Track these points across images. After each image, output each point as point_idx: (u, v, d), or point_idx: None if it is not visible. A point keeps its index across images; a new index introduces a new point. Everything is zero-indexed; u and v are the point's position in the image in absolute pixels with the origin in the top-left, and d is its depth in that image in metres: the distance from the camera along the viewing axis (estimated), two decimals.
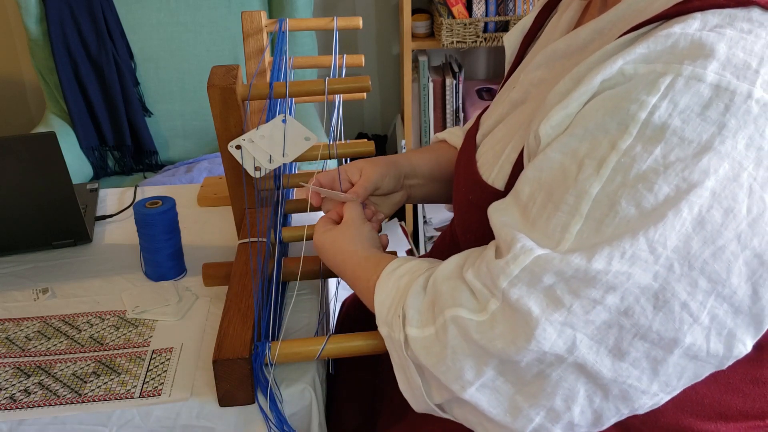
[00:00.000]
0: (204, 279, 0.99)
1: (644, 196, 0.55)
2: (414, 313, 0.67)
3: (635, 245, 0.55)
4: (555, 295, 0.57)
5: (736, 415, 0.69)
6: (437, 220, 2.43)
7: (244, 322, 0.83)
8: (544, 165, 0.61)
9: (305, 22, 1.20)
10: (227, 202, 1.22)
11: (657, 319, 0.55)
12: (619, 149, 0.56)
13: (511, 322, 0.59)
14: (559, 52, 0.73)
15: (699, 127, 0.54)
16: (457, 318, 0.63)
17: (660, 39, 0.57)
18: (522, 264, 0.58)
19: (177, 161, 2.17)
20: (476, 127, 0.85)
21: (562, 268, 0.56)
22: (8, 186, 1.01)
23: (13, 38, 2.46)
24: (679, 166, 0.54)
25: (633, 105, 0.56)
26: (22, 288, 1.02)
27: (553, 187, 0.60)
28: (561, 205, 0.59)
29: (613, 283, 0.55)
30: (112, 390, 0.83)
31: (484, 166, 0.76)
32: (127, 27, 2.10)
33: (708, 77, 0.54)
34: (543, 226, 0.60)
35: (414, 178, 0.98)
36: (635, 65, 0.57)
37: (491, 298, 0.61)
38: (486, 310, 0.61)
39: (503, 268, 0.60)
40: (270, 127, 0.93)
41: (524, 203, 0.63)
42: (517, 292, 0.59)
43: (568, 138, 0.60)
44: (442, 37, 2.18)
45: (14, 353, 0.89)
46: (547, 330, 0.57)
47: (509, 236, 0.61)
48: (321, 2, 2.44)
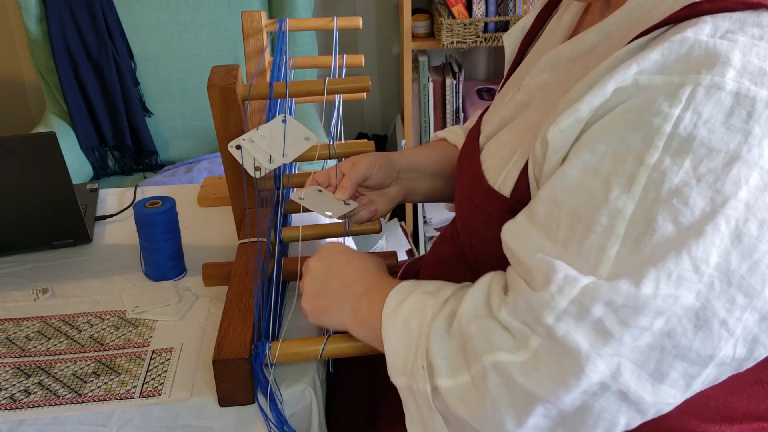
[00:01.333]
0: (204, 279, 0.99)
1: (680, 212, 0.54)
2: (442, 361, 0.63)
3: (680, 264, 0.54)
4: (604, 327, 0.55)
5: (741, 417, 0.69)
6: (437, 220, 2.43)
7: (244, 322, 0.83)
8: (561, 184, 0.60)
9: (305, 22, 1.20)
10: (227, 202, 1.21)
11: (697, 338, 0.55)
12: (647, 164, 0.55)
13: (557, 359, 0.57)
14: (564, 57, 0.72)
15: (725, 136, 0.54)
16: (497, 364, 0.59)
17: (674, 45, 0.56)
18: (569, 296, 0.56)
19: (177, 161, 2.17)
20: (478, 127, 0.85)
21: (612, 297, 0.54)
22: (8, 186, 1.01)
23: (13, 38, 2.46)
24: (710, 177, 0.54)
25: (656, 118, 0.55)
26: (22, 288, 1.02)
27: (580, 208, 0.58)
28: (593, 226, 0.57)
29: (662, 307, 0.54)
30: (112, 390, 0.83)
31: (490, 170, 0.74)
32: (127, 27, 2.10)
33: (728, 85, 0.54)
34: (576, 250, 0.58)
35: (412, 173, 0.97)
36: (650, 76, 0.56)
37: (531, 335, 0.58)
38: (527, 348, 0.58)
39: (548, 302, 0.56)
40: (270, 127, 0.93)
41: (544, 225, 0.60)
42: (564, 327, 0.56)
43: (587, 154, 0.58)
44: (442, 37, 2.18)
45: (14, 353, 0.89)
46: (597, 364, 0.55)
47: (545, 265, 0.58)
48: (321, 2, 2.44)
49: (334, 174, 0.91)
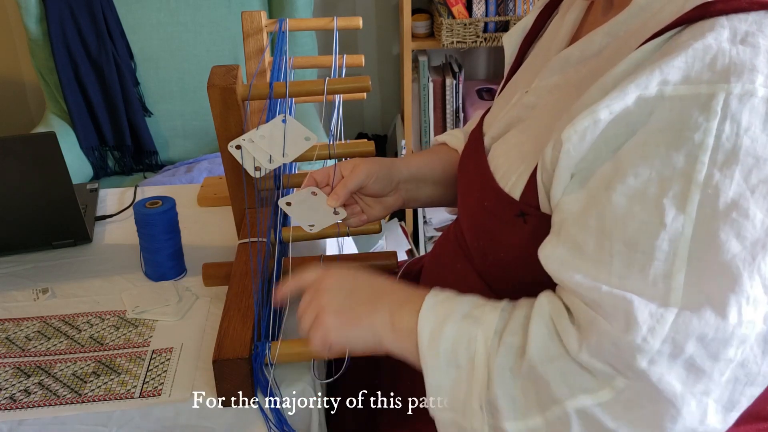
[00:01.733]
0: (204, 279, 0.99)
1: (742, 225, 0.53)
2: (509, 403, 0.61)
3: (755, 286, 0.53)
4: (696, 365, 0.54)
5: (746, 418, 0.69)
6: (437, 220, 2.43)
7: (244, 322, 0.83)
8: (608, 213, 0.58)
9: (305, 22, 1.20)
10: (227, 202, 1.21)
11: (765, 363, 0.54)
12: (697, 181, 0.54)
13: (650, 402, 0.55)
14: (574, 58, 0.72)
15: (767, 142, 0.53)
16: (583, 410, 0.57)
17: (698, 54, 0.55)
18: (661, 335, 0.54)
19: (177, 161, 2.17)
20: (480, 128, 0.84)
21: (704, 330, 0.53)
22: (8, 186, 1.01)
23: (13, 38, 2.46)
24: (763, 188, 0.53)
25: (696, 133, 0.54)
26: (22, 288, 1.02)
27: (634, 237, 0.56)
28: (654, 253, 0.55)
29: (745, 336, 0.53)
30: (112, 390, 0.83)
31: (499, 172, 0.73)
32: (127, 27, 2.10)
33: (759, 91, 0.53)
34: (639, 278, 0.56)
35: (413, 182, 0.96)
36: (675, 86, 0.55)
37: (617, 375, 0.56)
38: (611, 387, 0.57)
39: (641, 346, 0.54)
40: (270, 127, 0.93)
41: (594, 256, 0.58)
42: (659, 370, 0.54)
43: (631, 180, 0.56)
44: (442, 37, 2.18)
45: (14, 353, 0.89)
46: (692, 404, 0.54)
47: (620, 301, 0.56)
48: (321, 2, 2.44)
49: (333, 174, 0.89)
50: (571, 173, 0.61)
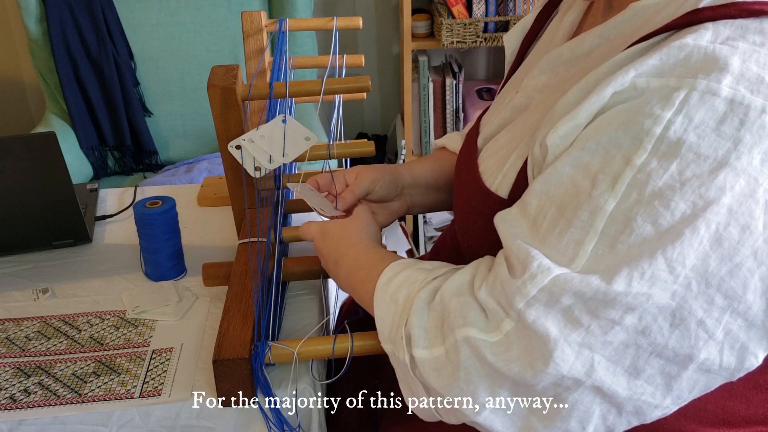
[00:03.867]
0: (204, 279, 0.99)
1: (661, 214, 0.54)
2: (420, 333, 0.65)
3: (654, 265, 0.54)
4: (573, 315, 0.56)
5: (739, 421, 0.69)
6: (437, 220, 2.43)
7: (244, 322, 0.83)
8: (554, 179, 0.60)
9: (305, 22, 1.20)
10: (227, 202, 1.22)
11: (673, 336, 0.55)
12: (633, 165, 0.55)
13: (527, 343, 0.58)
14: (564, 58, 0.72)
15: (714, 142, 0.54)
16: (469, 339, 0.61)
17: (673, 51, 0.56)
18: (540, 284, 0.57)
19: (177, 161, 2.18)
20: (476, 129, 0.84)
21: (582, 289, 0.56)
22: (8, 186, 1.01)
23: (13, 38, 2.46)
24: (695, 182, 0.54)
25: (647, 120, 0.55)
26: (22, 288, 1.02)
27: (565, 202, 0.59)
28: (574, 221, 0.58)
29: (633, 304, 0.55)
30: (112, 390, 0.83)
31: (487, 172, 0.74)
32: (127, 27, 2.10)
33: (723, 91, 0.54)
34: (555, 242, 0.59)
35: (416, 188, 0.98)
36: (647, 79, 0.56)
37: (505, 317, 0.60)
38: (499, 329, 0.60)
39: (519, 288, 0.58)
40: (270, 127, 0.93)
41: (533, 216, 0.62)
42: (534, 312, 0.58)
43: (579, 152, 0.59)
44: (442, 37, 2.18)
45: (14, 353, 0.89)
46: (566, 351, 0.56)
47: (523, 253, 0.60)
48: (321, 2, 2.44)
49: (335, 182, 0.92)
50: None
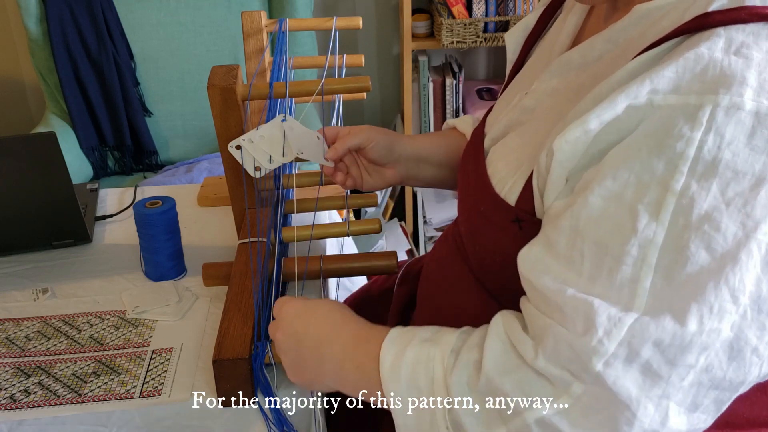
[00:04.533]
0: (204, 279, 0.99)
1: (713, 238, 0.53)
2: (472, 419, 0.61)
3: (720, 296, 0.53)
4: (652, 369, 0.54)
5: (743, 423, 0.69)
6: (437, 220, 2.43)
7: (244, 322, 0.83)
8: (583, 213, 0.58)
9: (305, 22, 1.20)
10: (227, 202, 1.21)
11: (731, 368, 0.54)
12: (673, 190, 0.54)
13: (606, 406, 0.55)
14: (574, 63, 0.71)
15: (750, 157, 0.53)
16: (542, 420, 0.58)
17: (689, 63, 0.55)
18: (617, 338, 0.54)
19: (177, 161, 2.18)
20: (482, 129, 0.84)
21: (660, 336, 0.53)
22: (8, 186, 1.01)
23: (13, 38, 2.46)
24: (739, 201, 0.53)
25: (679, 142, 0.54)
26: (22, 288, 1.02)
27: (604, 238, 0.56)
28: (623, 258, 0.55)
29: (707, 343, 0.53)
30: (112, 390, 0.83)
31: (496, 176, 0.72)
32: (127, 27, 2.10)
33: (747, 105, 0.53)
34: (606, 282, 0.56)
35: (416, 161, 0.98)
36: (665, 95, 0.55)
37: (573, 381, 0.57)
38: (568, 394, 0.57)
39: (596, 348, 0.54)
40: (270, 127, 0.93)
41: (565, 255, 0.59)
42: (614, 373, 0.54)
43: (610, 182, 0.57)
44: (442, 37, 2.18)
45: (14, 353, 0.89)
46: (648, 408, 0.54)
47: (582, 304, 0.56)
48: (321, 2, 2.44)
49: (326, 136, 0.95)
50: (566, 179, 0.62)
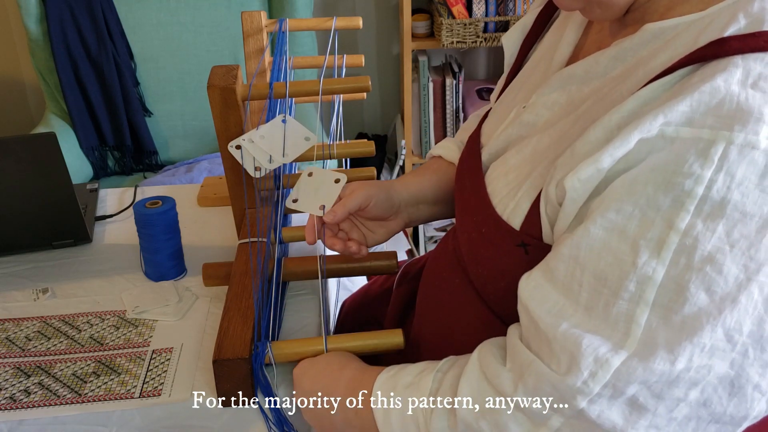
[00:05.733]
0: (204, 279, 0.99)
1: (714, 280, 0.52)
2: None
3: (714, 337, 0.52)
4: (638, 403, 0.54)
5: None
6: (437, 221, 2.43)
7: (244, 322, 0.83)
8: (584, 243, 0.57)
9: (305, 22, 1.20)
10: (227, 202, 1.22)
11: (731, 404, 0.54)
12: (678, 229, 0.53)
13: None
14: (577, 77, 0.69)
15: (759, 199, 0.52)
16: None
17: (704, 97, 0.53)
18: (602, 381, 0.54)
19: (177, 161, 2.18)
20: (477, 137, 0.81)
21: (647, 377, 0.53)
22: (8, 186, 1.01)
23: (13, 38, 2.46)
24: (744, 243, 0.52)
25: (688, 180, 0.52)
26: (22, 288, 1.02)
27: (603, 271, 0.56)
28: (621, 293, 0.55)
29: (696, 379, 0.53)
30: (112, 390, 0.83)
31: (497, 196, 0.71)
32: (127, 27, 2.10)
33: (762, 144, 0.51)
34: (602, 315, 0.56)
35: (414, 204, 0.94)
36: (677, 128, 0.53)
37: (553, 414, 0.57)
38: (547, 427, 0.57)
39: (580, 389, 0.55)
40: (270, 127, 0.93)
41: (564, 284, 0.59)
42: (597, 408, 0.55)
43: (613, 214, 0.56)
44: (442, 37, 2.18)
45: (14, 353, 0.89)
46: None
47: (570, 343, 0.56)
48: (321, 2, 2.44)
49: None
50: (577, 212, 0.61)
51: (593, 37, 0.74)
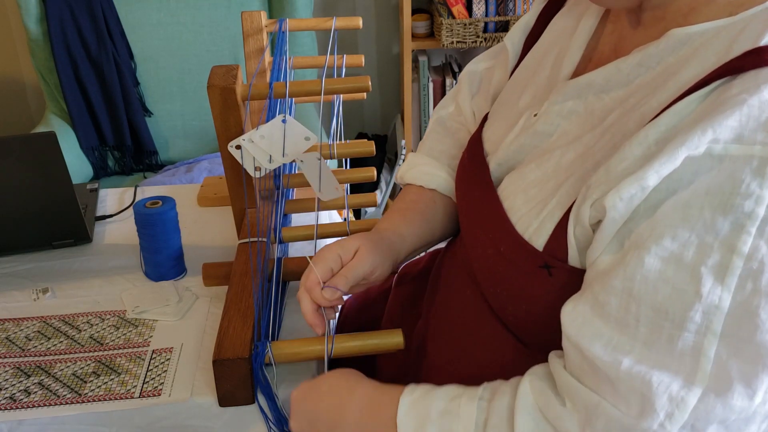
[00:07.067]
0: (204, 279, 0.99)
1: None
2: None
3: None
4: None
5: None
6: None
7: (244, 322, 0.83)
8: (638, 275, 0.54)
9: (305, 22, 1.20)
10: (227, 202, 1.22)
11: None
12: (740, 252, 0.50)
13: None
14: (596, 86, 0.66)
15: None
16: None
17: (753, 111, 0.51)
18: (680, 421, 0.52)
19: (177, 161, 2.18)
20: (480, 141, 0.78)
21: (726, 414, 0.51)
22: (8, 186, 1.01)
23: (13, 38, 2.46)
24: None
25: (747, 201, 0.50)
26: (22, 288, 1.02)
27: (662, 303, 0.53)
28: (686, 324, 0.52)
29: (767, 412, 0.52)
30: (112, 390, 0.83)
31: (516, 213, 0.67)
32: (127, 27, 2.10)
33: None
34: (666, 349, 0.53)
35: (413, 253, 0.88)
36: (726, 145, 0.51)
37: None
38: None
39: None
40: (270, 127, 0.93)
41: (616, 318, 0.55)
42: None
43: (668, 242, 0.53)
44: (442, 37, 2.18)
45: (14, 353, 0.89)
46: None
47: (639, 383, 0.53)
48: (321, 2, 2.44)
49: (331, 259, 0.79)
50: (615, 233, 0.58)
51: (606, 39, 0.72)
